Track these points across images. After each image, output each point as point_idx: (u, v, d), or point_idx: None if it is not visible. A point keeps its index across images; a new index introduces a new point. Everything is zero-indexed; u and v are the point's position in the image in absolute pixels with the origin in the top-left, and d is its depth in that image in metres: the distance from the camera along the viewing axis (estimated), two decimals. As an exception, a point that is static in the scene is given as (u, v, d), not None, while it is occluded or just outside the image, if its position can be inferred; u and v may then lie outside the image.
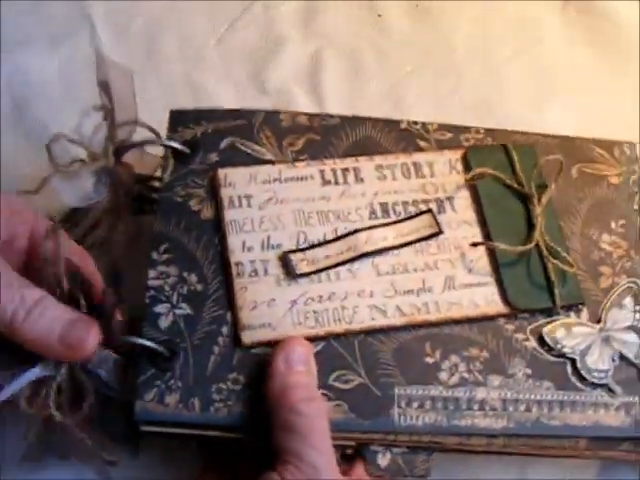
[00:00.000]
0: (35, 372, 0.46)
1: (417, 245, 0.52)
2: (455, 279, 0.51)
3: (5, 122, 0.63)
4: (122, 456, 0.47)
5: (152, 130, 0.55)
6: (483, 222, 0.53)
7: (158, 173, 0.55)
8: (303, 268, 0.50)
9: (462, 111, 0.66)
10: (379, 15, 0.71)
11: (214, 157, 0.53)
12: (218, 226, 0.51)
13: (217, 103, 0.64)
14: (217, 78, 0.67)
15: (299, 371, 0.46)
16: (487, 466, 0.52)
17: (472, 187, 0.54)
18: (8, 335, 0.45)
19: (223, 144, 0.54)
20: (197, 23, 0.69)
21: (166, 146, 0.53)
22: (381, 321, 0.49)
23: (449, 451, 0.49)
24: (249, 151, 0.54)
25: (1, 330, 0.45)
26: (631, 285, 0.53)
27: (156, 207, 0.52)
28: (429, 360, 0.49)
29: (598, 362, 0.50)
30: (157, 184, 0.55)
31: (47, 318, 0.45)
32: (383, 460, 0.48)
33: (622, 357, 0.51)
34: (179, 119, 0.54)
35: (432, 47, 0.69)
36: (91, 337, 0.46)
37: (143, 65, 0.66)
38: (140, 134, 0.55)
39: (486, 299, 0.51)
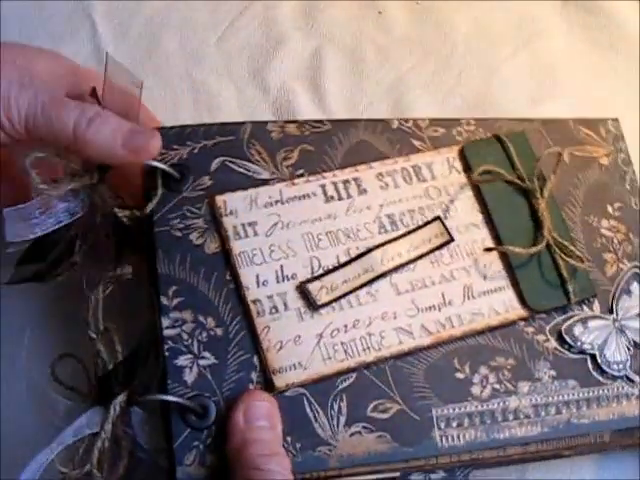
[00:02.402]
0: (82, 428, 0.44)
1: (431, 256, 0.50)
2: (473, 288, 0.50)
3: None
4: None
5: None
6: (490, 222, 0.52)
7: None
8: (323, 298, 0.48)
9: (462, 108, 0.64)
10: (379, 12, 0.68)
11: (207, 181, 0.50)
12: (226, 260, 0.48)
13: (218, 101, 0.64)
14: (218, 76, 0.65)
15: (259, 427, 0.44)
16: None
17: (474, 186, 0.53)
18: (72, 148, 0.46)
19: (214, 165, 0.50)
20: (198, 21, 0.66)
21: (154, 168, 0.49)
22: (409, 343, 0.48)
23: (485, 466, 0.50)
24: (242, 170, 0.50)
25: (65, 144, 0.46)
26: (636, 270, 0.53)
27: (155, 244, 0.48)
28: (460, 375, 0.49)
29: (616, 354, 0.51)
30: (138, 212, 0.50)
31: (109, 126, 0.46)
32: None
33: (636, 344, 0.52)
34: (163, 140, 0.49)
35: (432, 45, 0.67)
36: (154, 140, 0.47)
37: (144, 64, 0.65)
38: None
39: (505, 305, 0.50)
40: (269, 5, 0.68)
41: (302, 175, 0.51)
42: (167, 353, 0.45)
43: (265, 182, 0.50)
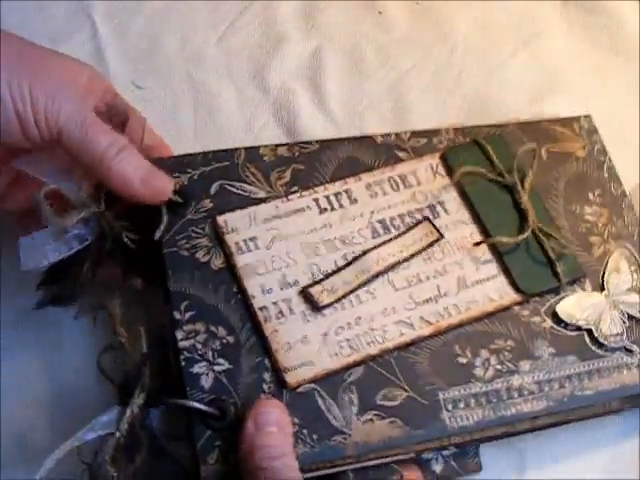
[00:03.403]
0: (97, 431, 0.47)
1: (423, 254, 0.54)
2: (466, 279, 0.53)
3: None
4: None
5: None
6: (477, 218, 0.55)
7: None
8: (324, 299, 0.51)
9: (462, 108, 0.66)
10: (379, 12, 0.70)
11: (208, 203, 0.53)
12: (232, 273, 0.51)
13: (218, 102, 0.65)
14: (218, 77, 0.66)
15: (268, 432, 0.46)
16: (486, 466, 0.53)
17: (459, 187, 0.56)
18: (94, 170, 0.50)
19: (213, 189, 0.54)
20: (198, 22, 0.68)
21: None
22: (410, 335, 0.51)
23: (495, 439, 0.52)
24: (240, 191, 0.54)
25: (89, 165, 0.49)
26: (622, 249, 0.56)
27: (165, 264, 0.51)
28: (462, 360, 0.51)
29: (611, 327, 0.54)
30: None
31: (133, 161, 0.50)
32: (438, 466, 0.51)
33: (630, 317, 0.54)
34: (162, 169, 0.53)
35: (432, 45, 0.69)
36: (169, 184, 0.52)
37: (144, 64, 0.66)
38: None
39: (499, 292, 0.53)
40: (269, 5, 0.69)
41: (296, 191, 0.54)
42: (183, 363, 0.48)
43: (262, 200, 0.54)
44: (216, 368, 0.49)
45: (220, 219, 0.53)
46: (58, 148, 0.49)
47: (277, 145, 0.56)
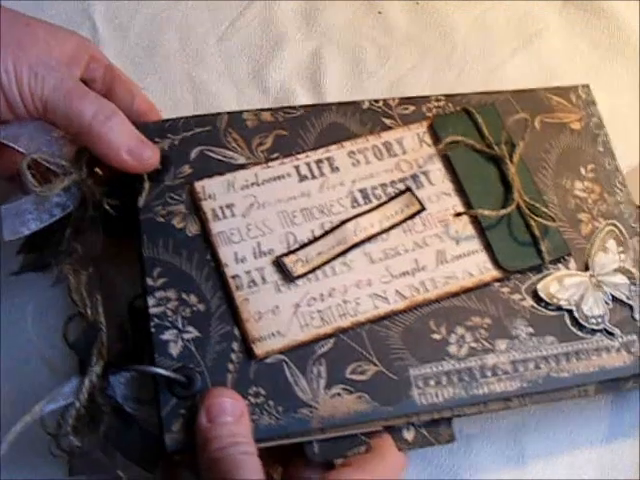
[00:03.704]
0: (57, 402, 0.47)
1: (403, 225, 0.53)
2: (445, 253, 0.52)
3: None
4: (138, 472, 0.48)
5: None
6: (461, 190, 0.54)
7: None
8: (298, 270, 0.50)
9: None
10: (379, 12, 0.70)
11: (187, 169, 0.53)
12: (206, 241, 0.51)
13: (218, 101, 0.65)
14: (218, 76, 0.66)
15: (222, 422, 0.45)
16: (486, 466, 0.54)
17: (444, 157, 0.55)
18: (82, 138, 0.50)
19: (193, 154, 0.53)
20: (198, 21, 0.68)
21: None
22: (384, 308, 0.50)
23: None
24: (220, 157, 0.53)
25: (76, 132, 0.50)
26: (611, 228, 0.54)
27: (140, 230, 0.51)
28: (436, 336, 0.50)
29: (593, 308, 0.52)
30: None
31: (122, 129, 0.50)
32: (409, 434, 0.50)
33: (614, 299, 0.53)
34: (143, 134, 0.52)
35: (432, 44, 0.69)
36: (157, 154, 0.52)
37: (144, 64, 0.66)
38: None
39: (479, 267, 0.52)
40: (269, 5, 0.69)
41: (276, 158, 0.53)
42: (153, 329, 0.48)
43: (242, 167, 0.53)
44: (185, 336, 0.48)
45: (198, 185, 0.52)
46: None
47: (260, 110, 0.55)
